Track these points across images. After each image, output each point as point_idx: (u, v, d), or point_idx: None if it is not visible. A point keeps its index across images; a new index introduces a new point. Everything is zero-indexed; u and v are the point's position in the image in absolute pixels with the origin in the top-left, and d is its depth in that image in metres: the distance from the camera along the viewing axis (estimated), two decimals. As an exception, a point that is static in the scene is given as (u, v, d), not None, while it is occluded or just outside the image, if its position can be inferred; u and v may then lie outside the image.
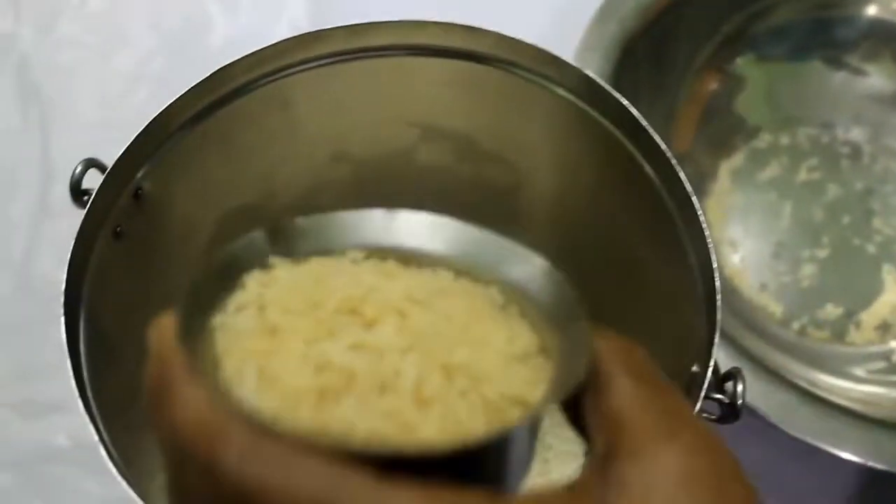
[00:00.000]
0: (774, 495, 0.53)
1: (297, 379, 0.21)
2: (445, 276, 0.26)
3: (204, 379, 0.20)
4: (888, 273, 0.60)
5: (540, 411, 0.22)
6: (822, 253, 0.61)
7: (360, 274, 0.25)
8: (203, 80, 0.38)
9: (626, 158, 0.39)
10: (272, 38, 0.40)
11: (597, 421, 0.22)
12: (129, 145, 0.36)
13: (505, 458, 0.22)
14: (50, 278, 0.58)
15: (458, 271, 0.26)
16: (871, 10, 0.64)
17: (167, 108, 0.38)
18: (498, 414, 0.22)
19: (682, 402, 0.23)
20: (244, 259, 0.25)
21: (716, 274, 0.34)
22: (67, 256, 0.35)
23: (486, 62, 0.42)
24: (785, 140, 0.64)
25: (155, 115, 0.37)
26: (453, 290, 0.25)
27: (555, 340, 0.24)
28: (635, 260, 0.42)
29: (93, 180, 0.37)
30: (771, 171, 0.63)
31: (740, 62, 0.64)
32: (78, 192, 0.37)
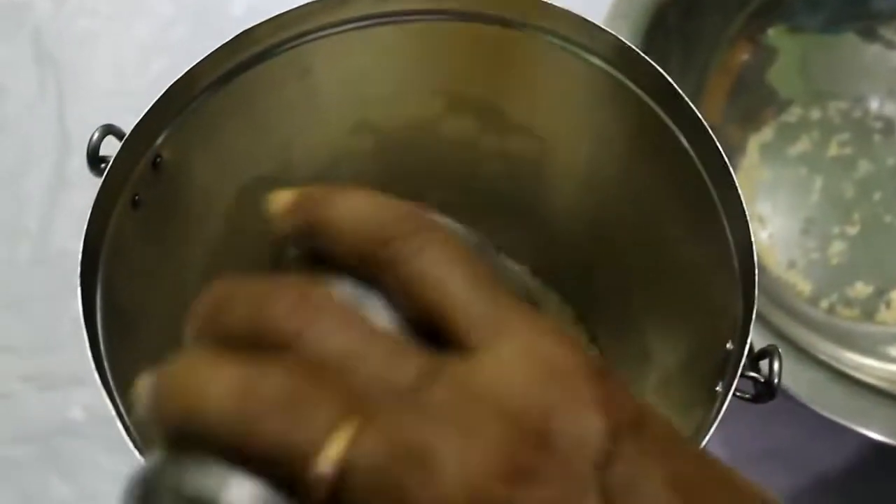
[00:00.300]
0: (801, 474, 0.52)
1: None
2: None
3: None
4: (921, 251, 0.58)
5: None
6: (853, 230, 0.60)
7: None
8: (224, 45, 0.37)
9: (660, 128, 0.38)
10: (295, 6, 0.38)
11: None
12: (148, 112, 0.35)
13: None
14: (67, 249, 0.57)
15: None
16: (909, -19, 0.63)
17: (187, 73, 0.36)
18: None
19: None
20: None
21: (753, 249, 0.33)
22: (84, 227, 0.34)
23: (516, 27, 0.40)
24: (816, 114, 0.62)
25: (174, 80, 0.36)
26: None
27: None
28: (669, 234, 0.41)
29: (111, 148, 0.36)
30: (801, 146, 0.62)
31: (772, 33, 0.62)
32: (95, 160, 0.36)
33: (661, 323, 0.43)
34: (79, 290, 0.32)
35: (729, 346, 0.33)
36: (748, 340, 0.32)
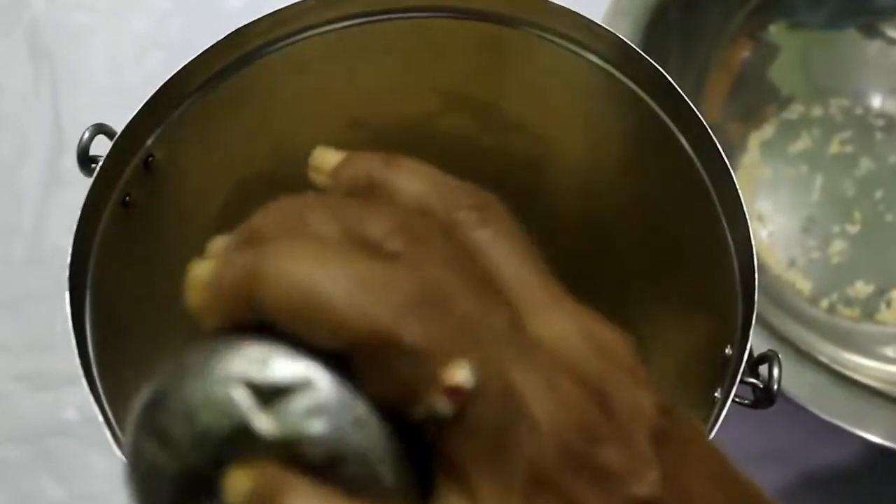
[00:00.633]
0: (801, 476, 0.52)
1: None
2: None
3: None
4: (922, 250, 0.58)
5: None
6: (854, 228, 0.59)
7: None
8: (217, 43, 0.36)
9: (659, 128, 0.37)
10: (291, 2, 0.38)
11: None
12: (139, 111, 0.35)
13: None
14: (61, 248, 0.56)
15: None
16: (911, -23, 0.62)
17: (178, 72, 0.36)
18: None
19: None
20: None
21: (754, 253, 0.33)
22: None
23: (514, 25, 0.40)
24: (817, 111, 0.62)
25: (166, 79, 0.35)
26: None
27: None
28: (667, 235, 0.40)
29: (102, 147, 0.35)
30: (802, 144, 0.61)
31: (773, 29, 0.62)
32: (86, 160, 0.35)
33: (659, 325, 0.42)
34: (67, 294, 0.31)
35: (728, 351, 0.33)
36: (748, 346, 0.32)
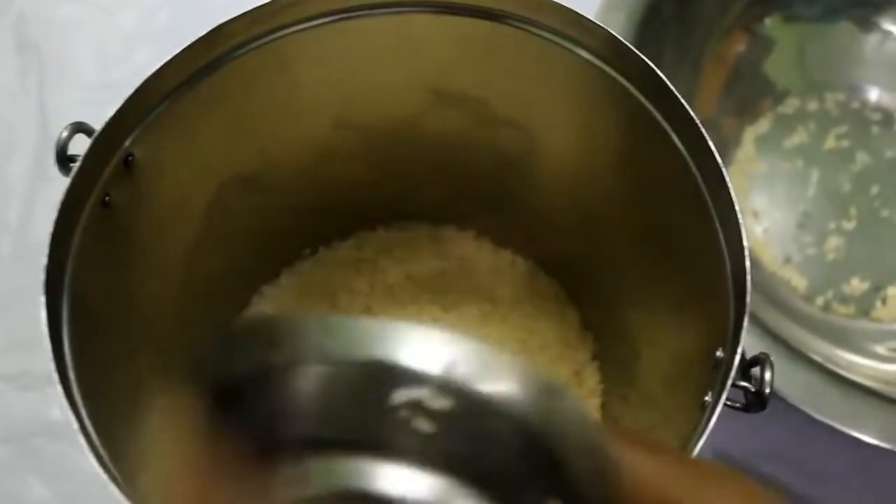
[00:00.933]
0: (797, 477, 0.51)
1: None
2: None
3: None
4: (918, 246, 0.57)
5: None
6: (850, 225, 0.58)
7: None
8: (198, 40, 0.36)
9: (651, 125, 0.37)
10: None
11: None
12: (119, 109, 0.34)
13: None
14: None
15: None
16: (907, -31, 0.61)
17: (159, 69, 0.35)
18: None
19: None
20: None
21: (746, 254, 0.32)
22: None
23: (503, 20, 0.39)
24: (813, 105, 0.61)
25: (145, 77, 0.35)
26: None
27: None
28: (658, 234, 0.40)
29: (83, 146, 0.35)
30: (798, 138, 0.61)
31: (769, 22, 0.61)
32: (64, 159, 0.34)
33: (652, 325, 0.41)
34: (42, 297, 0.31)
35: (720, 353, 0.32)
36: (739, 349, 0.31)
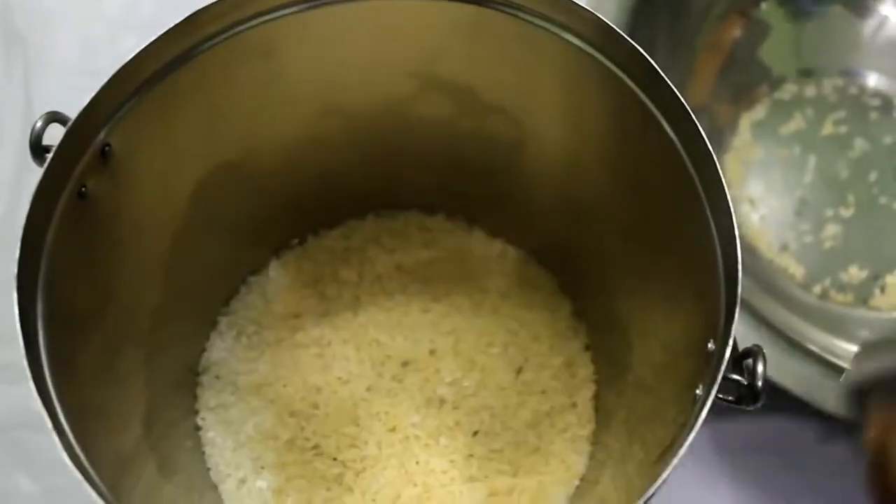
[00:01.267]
0: (792, 467, 0.50)
1: None
2: None
3: None
4: (917, 234, 0.56)
5: None
6: (848, 212, 0.57)
7: None
8: (174, 27, 0.35)
9: (642, 112, 0.36)
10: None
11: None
12: (92, 100, 0.33)
13: None
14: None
15: None
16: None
17: (134, 57, 0.34)
18: None
19: None
20: None
21: (737, 244, 0.31)
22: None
23: (491, 6, 0.38)
24: (810, 91, 0.60)
25: (121, 65, 0.34)
26: None
27: None
28: (649, 224, 0.39)
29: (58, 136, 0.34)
30: (795, 124, 0.59)
31: (764, 7, 0.60)
32: (38, 150, 0.34)
33: (644, 315, 0.41)
34: (14, 292, 0.30)
35: (710, 346, 0.31)
36: (730, 341, 0.30)
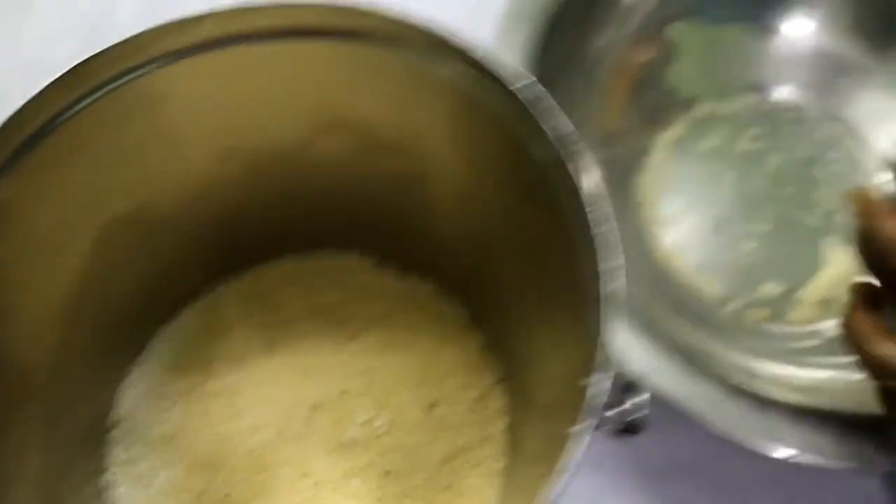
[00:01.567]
0: (708, 491, 0.51)
1: None
2: None
3: None
4: (828, 247, 0.57)
5: None
6: (764, 227, 0.58)
7: None
8: (54, 82, 0.35)
9: (515, 142, 0.36)
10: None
11: None
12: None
13: None
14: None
15: None
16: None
17: (15, 113, 0.34)
18: None
19: None
20: None
21: (601, 278, 0.32)
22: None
23: (375, 44, 0.39)
24: (724, 109, 0.61)
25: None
26: None
27: None
28: (537, 255, 0.39)
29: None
30: (710, 142, 0.60)
31: (673, 29, 0.61)
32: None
33: (542, 347, 0.41)
34: None
35: (583, 383, 0.32)
36: (593, 380, 0.31)
